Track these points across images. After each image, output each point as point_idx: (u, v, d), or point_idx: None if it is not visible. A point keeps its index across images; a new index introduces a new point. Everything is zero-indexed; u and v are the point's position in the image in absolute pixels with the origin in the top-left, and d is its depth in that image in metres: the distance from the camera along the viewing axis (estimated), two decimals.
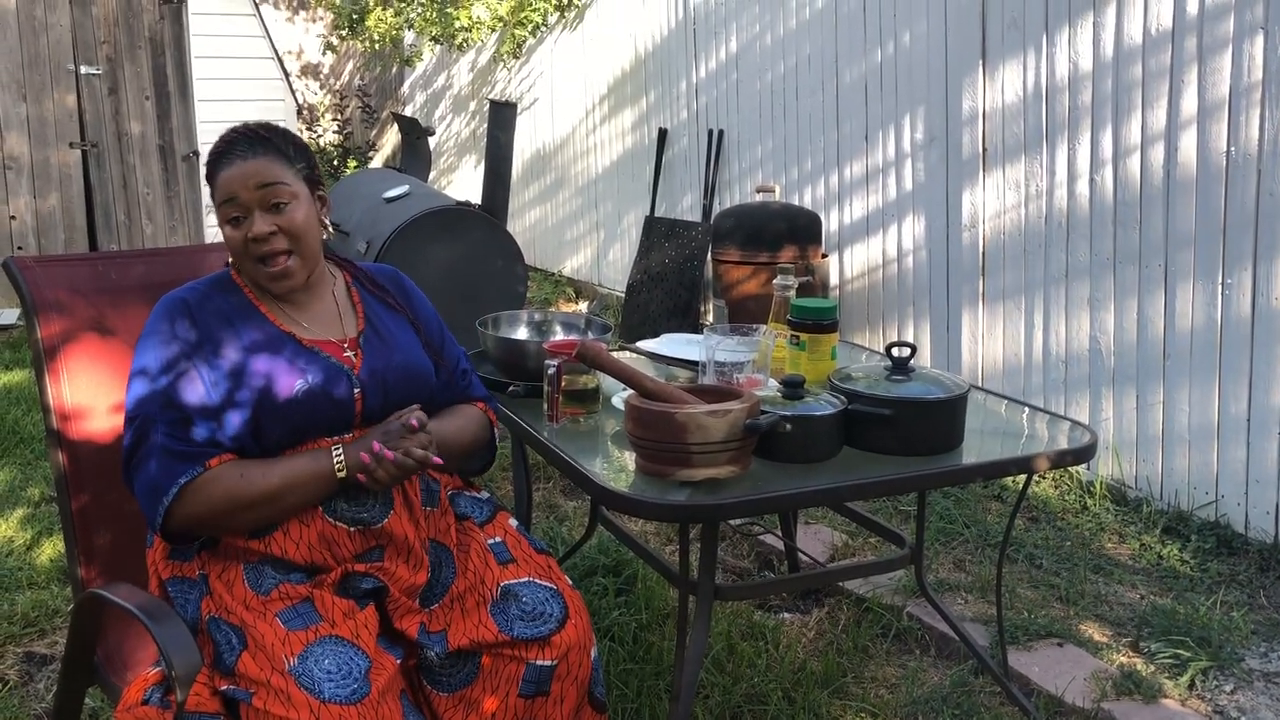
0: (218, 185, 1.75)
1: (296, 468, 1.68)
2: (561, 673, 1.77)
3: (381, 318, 1.90)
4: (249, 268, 1.78)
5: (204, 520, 1.67)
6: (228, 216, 1.75)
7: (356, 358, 1.81)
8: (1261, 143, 3.12)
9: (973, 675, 2.61)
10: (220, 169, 1.75)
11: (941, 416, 2.00)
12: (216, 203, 1.75)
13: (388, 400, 1.81)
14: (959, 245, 4.21)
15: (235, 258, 1.80)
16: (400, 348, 1.87)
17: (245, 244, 1.75)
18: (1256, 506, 3.23)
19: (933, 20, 4.24)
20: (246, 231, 1.74)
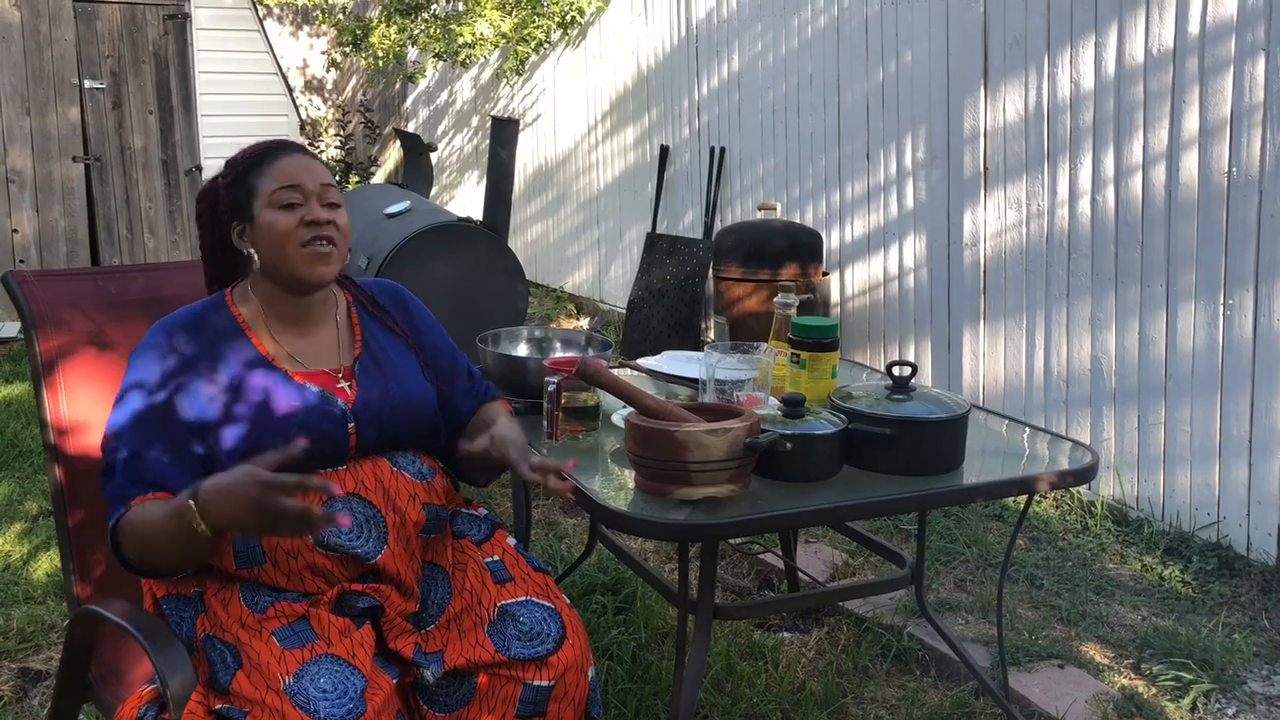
0: (273, 171, 1.74)
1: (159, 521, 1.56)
2: (559, 693, 1.76)
3: (380, 343, 1.88)
4: (290, 255, 1.72)
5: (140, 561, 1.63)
6: (284, 201, 1.72)
7: (351, 389, 1.79)
8: (1263, 163, 3.12)
9: (973, 696, 2.60)
10: (277, 159, 1.75)
11: (942, 436, 1.99)
12: (269, 189, 1.72)
13: (383, 432, 1.78)
14: (960, 264, 4.21)
15: (275, 246, 1.73)
16: (397, 377, 1.84)
17: (297, 227, 1.72)
18: (1258, 528, 3.22)
19: (935, 40, 4.25)
20: (304, 215, 1.72)
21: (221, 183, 1.80)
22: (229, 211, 1.78)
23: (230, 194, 1.78)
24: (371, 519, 1.73)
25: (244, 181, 1.76)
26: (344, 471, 1.74)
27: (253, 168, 1.76)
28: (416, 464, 1.83)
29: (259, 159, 1.77)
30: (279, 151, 1.77)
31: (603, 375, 1.97)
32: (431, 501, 1.81)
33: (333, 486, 1.47)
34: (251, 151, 1.79)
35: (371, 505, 1.74)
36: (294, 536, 1.58)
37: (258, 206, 1.75)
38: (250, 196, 1.75)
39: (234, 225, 1.78)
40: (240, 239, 1.78)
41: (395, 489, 1.76)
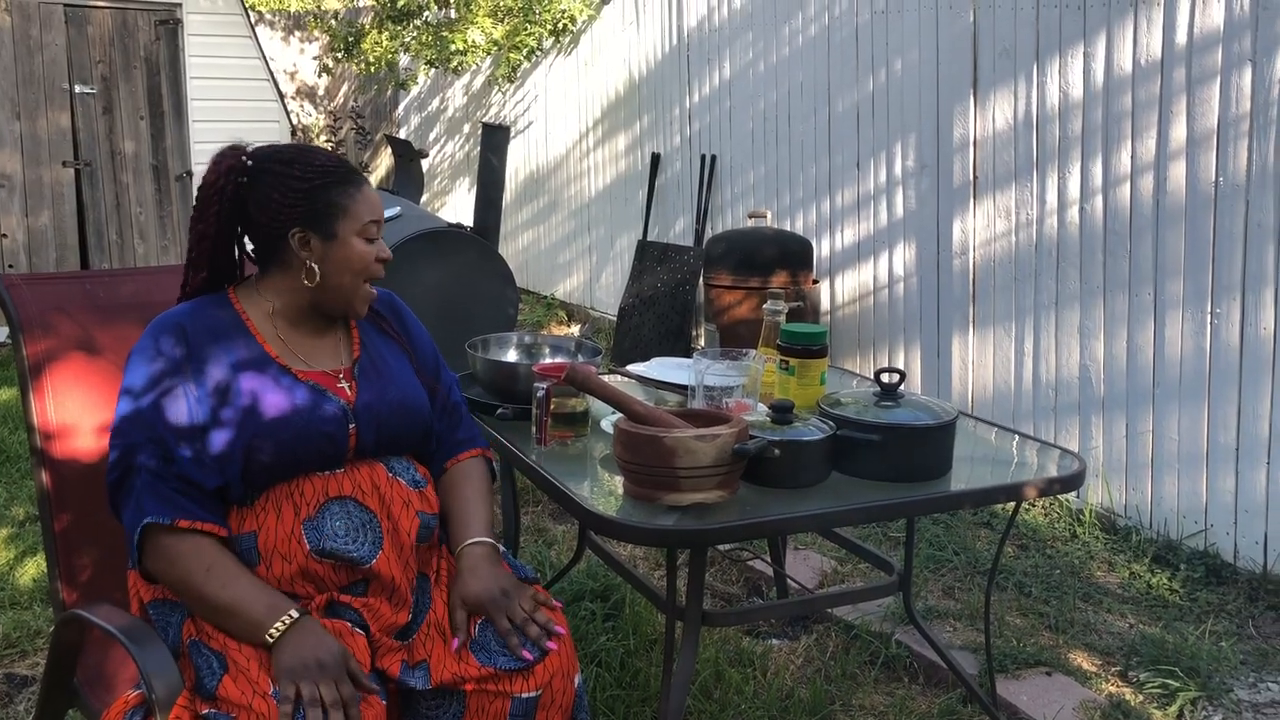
0: (362, 199, 1.77)
1: (248, 602, 1.61)
2: (545, 701, 1.75)
3: (378, 347, 1.89)
4: (357, 286, 1.79)
5: (162, 580, 1.68)
6: (370, 234, 1.78)
7: (351, 390, 1.79)
8: (1250, 173, 3.14)
9: (961, 704, 2.60)
10: (363, 186, 1.78)
11: (930, 443, 2.00)
12: (362, 215, 1.76)
13: (381, 434, 1.79)
14: (949, 272, 4.22)
15: (348, 273, 1.77)
16: (395, 381, 1.85)
17: (373, 263, 1.79)
18: (1245, 536, 3.23)
19: (924, 49, 4.27)
20: (379, 253, 1.79)
21: (292, 181, 1.74)
22: (296, 214, 1.74)
23: (304, 199, 1.74)
24: (367, 524, 1.73)
25: (326, 194, 1.74)
26: (341, 474, 1.74)
27: (340, 183, 1.76)
28: (411, 471, 1.83)
29: (346, 176, 1.77)
30: (363, 179, 1.80)
31: (592, 381, 1.97)
32: (424, 510, 1.81)
33: None
34: (332, 162, 1.78)
35: (368, 510, 1.74)
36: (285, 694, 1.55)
37: (344, 228, 1.75)
38: (335, 213, 1.75)
39: (296, 229, 1.74)
40: (301, 246, 1.75)
41: (391, 495, 1.77)
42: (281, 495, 1.71)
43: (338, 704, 1.54)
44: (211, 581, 1.62)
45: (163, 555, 1.65)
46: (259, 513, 1.70)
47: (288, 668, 1.56)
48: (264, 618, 1.60)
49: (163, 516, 1.63)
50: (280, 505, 1.70)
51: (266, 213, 1.75)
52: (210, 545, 1.65)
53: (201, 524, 1.65)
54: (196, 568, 1.63)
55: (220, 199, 1.76)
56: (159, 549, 1.65)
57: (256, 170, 1.76)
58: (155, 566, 1.66)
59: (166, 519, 1.63)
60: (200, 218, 1.78)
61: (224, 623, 1.63)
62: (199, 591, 1.63)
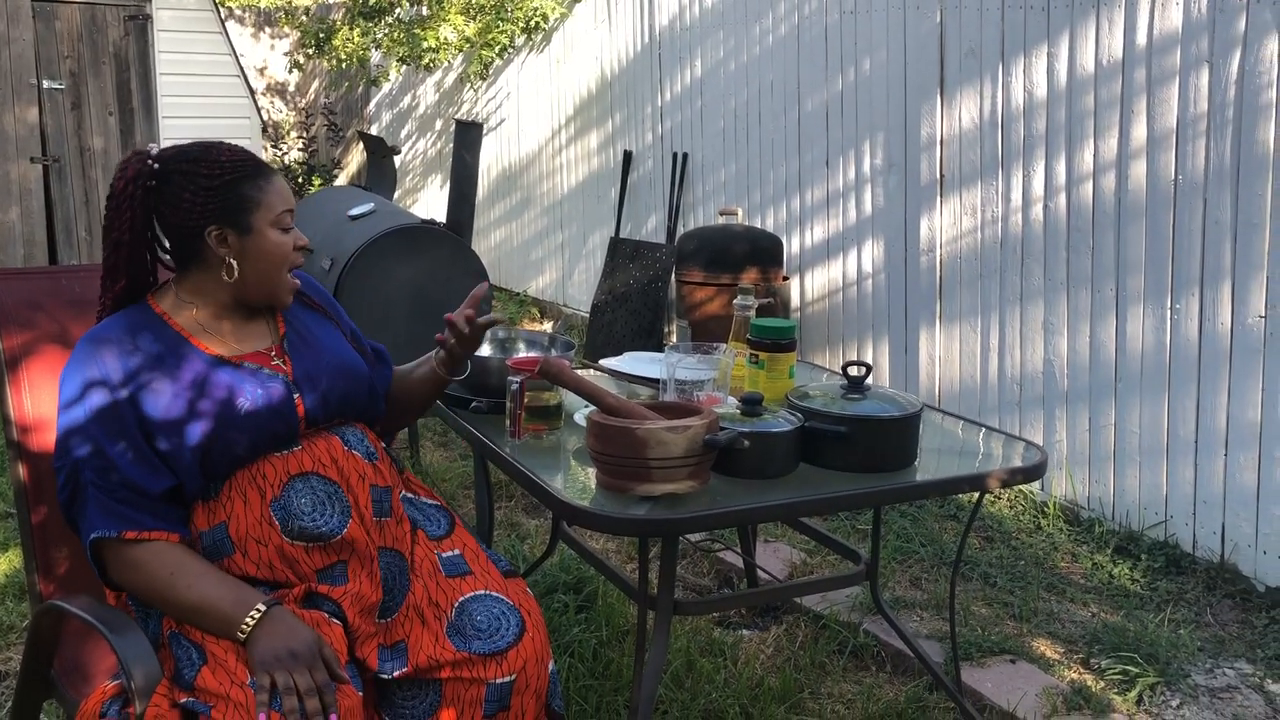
0: (273, 189, 1.78)
1: (216, 599, 1.64)
2: (520, 686, 1.78)
3: (303, 320, 1.91)
4: (278, 277, 1.80)
5: (128, 590, 1.71)
6: (285, 224, 1.79)
7: (285, 364, 1.82)
8: (1207, 171, 3.21)
9: (927, 691, 2.66)
10: (272, 177, 1.79)
11: (895, 434, 2.04)
12: (277, 208, 1.77)
13: (328, 400, 1.81)
14: (917, 268, 4.28)
15: (269, 265, 1.78)
16: (326, 347, 1.88)
17: (292, 252, 1.80)
18: (1204, 527, 3.31)
19: (892, 49, 4.33)
20: (295, 240, 1.80)
21: (199, 180, 1.74)
22: (210, 211, 1.74)
23: (216, 195, 1.74)
24: (333, 495, 1.75)
25: (238, 189, 1.75)
26: (300, 452, 1.76)
27: (249, 177, 1.76)
28: (365, 443, 1.85)
29: (255, 170, 1.77)
30: (272, 170, 1.81)
31: (565, 375, 2.01)
32: (376, 483, 1.82)
33: None
34: (238, 157, 1.78)
35: (331, 482, 1.76)
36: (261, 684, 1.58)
37: (258, 220, 1.76)
38: (248, 206, 1.75)
39: (212, 227, 1.74)
40: (219, 243, 1.75)
41: (347, 468, 1.78)
42: (245, 481, 1.73)
43: (312, 691, 1.57)
44: (177, 584, 1.65)
45: (124, 566, 1.67)
46: (225, 502, 1.72)
47: (261, 659, 1.58)
48: (233, 613, 1.62)
49: (109, 530, 1.65)
50: (245, 491, 1.72)
51: (179, 213, 1.74)
52: (169, 549, 1.67)
53: (150, 533, 1.66)
54: (159, 573, 1.65)
55: (131, 205, 1.75)
56: (117, 561, 1.67)
57: (164, 172, 1.74)
58: (119, 577, 1.69)
59: (113, 532, 1.65)
60: (113, 226, 1.76)
61: (195, 622, 1.65)
62: (165, 596, 1.66)
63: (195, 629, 1.65)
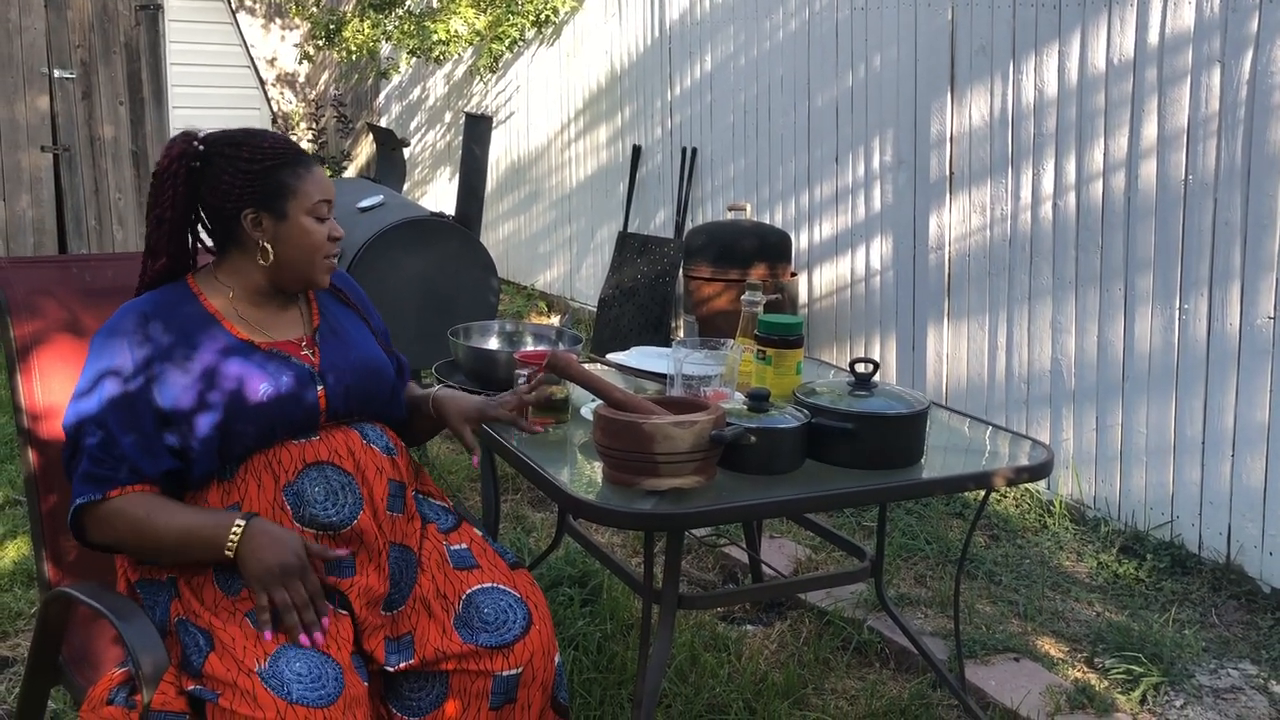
0: (311, 178, 1.80)
1: (198, 525, 1.67)
2: (527, 679, 1.80)
3: (336, 314, 1.94)
4: (314, 264, 1.82)
5: (115, 547, 1.73)
6: (320, 213, 1.81)
7: (314, 355, 1.84)
8: (1218, 171, 3.20)
9: (931, 688, 2.66)
10: (312, 166, 1.82)
11: (902, 431, 2.04)
12: (313, 197, 1.80)
13: (349, 395, 1.84)
14: (925, 266, 4.28)
15: (302, 252, 1.80)
16: (356, 344, 1.90)
17: (327, 241, 1.82)
18: (1210, 527, 3.30)
19: (903, 46, 4.32)
20: (330, 230, 1.83)
21: (240, 163, 1.77)
22: (247, 195, 1.77)
23: (254, 180, 1.77)
24: (346, 485, 1.77)
25: (276, 175, 1.78)
26: (317, 441, 1.78)
27: (288, 165, 1.79)
28: (384, 439, 1.87)
29: (295, 158, 1.80)
30: (312, 160, 1.84)
31: (572, 369, 2.01)
32: (394, 478, 1.84)
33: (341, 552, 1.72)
34: (280, 145, 1.81)
35: (345, 472, 1.78)
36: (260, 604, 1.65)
37: (293, 208, 1.78)
38: (285, 193, 1.78)
39: (248, 210, 1.77)
40: (254, 227, 1.78)
41: (365, 461, 1.80)
42: (260, 465, 1.74)
43: (306, 604, 1.65)
44: (156, 522, 1.67)
45: (102, 522, 1.69)
46: (240, 484, 1.74)
47: (256, 578, 1.64)
48: (215, 534, 1.66)
49: (94, 494, 1.68)
50: (260, 475, 1.74)
51: (218, 195, 1.78)
52: (142, 496, 1.69)
53: (128, 487, 1.69)
54: (137, 516, 1.67)
55: (174, 184, 1.79)
56: (96, 520, 1.70)
57: (208, 154, 1.79)
58: (100, 535, 1.71)
59: (97, 495, 1.68)
60: (156, 204, 1.81)
61: (183, 555, 1.68)
62: (147, 537, 1.67)
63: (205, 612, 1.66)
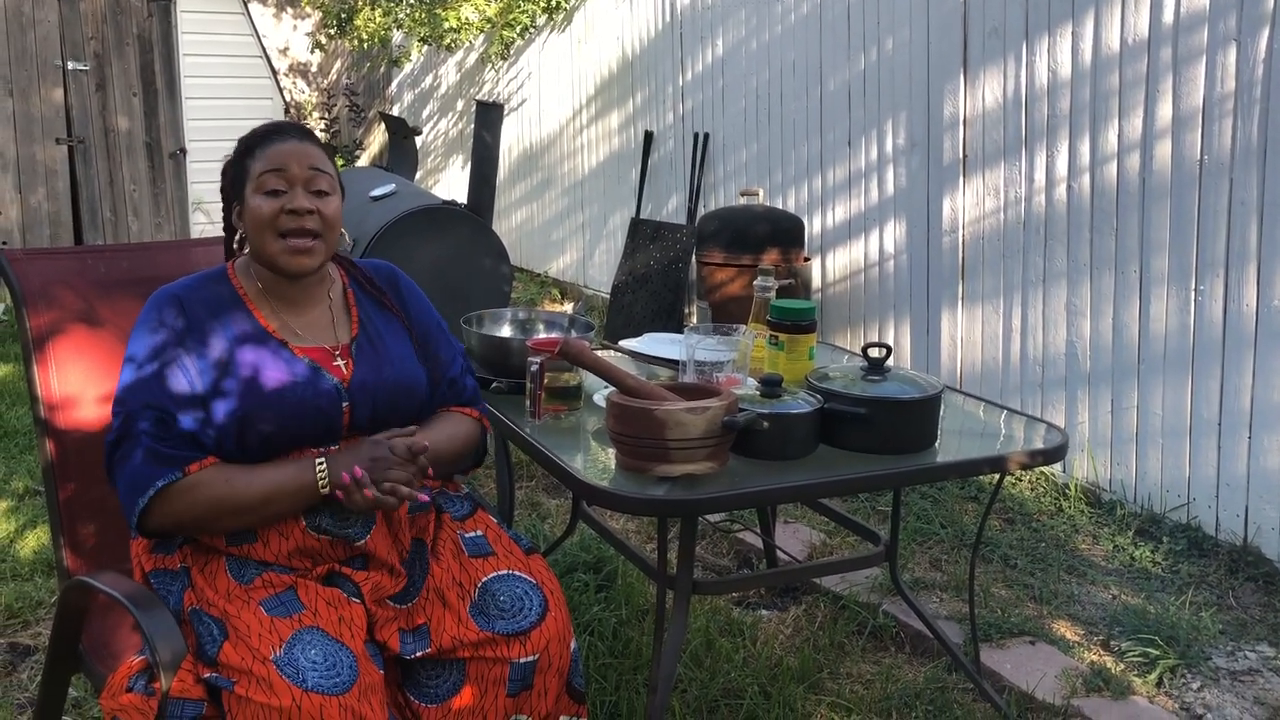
0: (264, 155, 1.76)
1: (282, 477, 1.68)
2: (543, 665, 1.80)
3: (376, 324, 1.90)
4: (268, 243, 1.75)
5: (183, 523, 1.69)
6: (267, 187, 1.75)
7: (347, 367, 1.81)
8: (1234, 151, 3.18)
9: (946, 672, 2.66)
10: (270, 143, 1.77)
11: (916, 416, 2.04)
12: (257, 171, 1.75)
13: (376, 414, 1.81)
14: (939, 249, 4.26)
15: (256, 232, 1.76)
16: (392, 359, 1.86)
17: (278, 215, 1.74)
18: (1226, 510, 3.29)
19: (915, 27, 4.30)
20: (285, 203, 1.75)
21: (227, 163, 1.85)
22: (226, 191, 1.84)
23: (230, 172, 1.83)
24: None
25: (241, 162, 1.80)
26: (335, 450, 1.77)
27: (250, 149, 1.79)
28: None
29: (257, 140, 1.80)
30: (275, 135, 1.79)
31: (585, 355, 2.01)
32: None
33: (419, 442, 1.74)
34: (256, 131, 1.82)
35: None
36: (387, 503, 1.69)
37: (248, 189, 1.78)
38: (244, 177, 1.79)
39: (234, 204, 1.83)
40: (237, 219, 1.83)
41: None
42: None
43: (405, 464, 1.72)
44: (237, 486, 1.67)
45: (178, 501, 1.66)
46: None
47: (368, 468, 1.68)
48: (302, 479, 1.68)
49: (173, 473, 1.65)
50: None
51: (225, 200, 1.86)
52: (215, 468, 1.68)
53: (204, 462, 1.68)
54: (218, 486, 1.66)
55: (223, 182, 1.87)
56: (171, 499, 1.66)
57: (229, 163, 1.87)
58: (174, 515, 1.67)
59: (177, 473, 1.65)
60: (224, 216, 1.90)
61: (273, 512, 1.69)
62: (232, 504, 1.66)
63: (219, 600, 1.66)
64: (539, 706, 1.81)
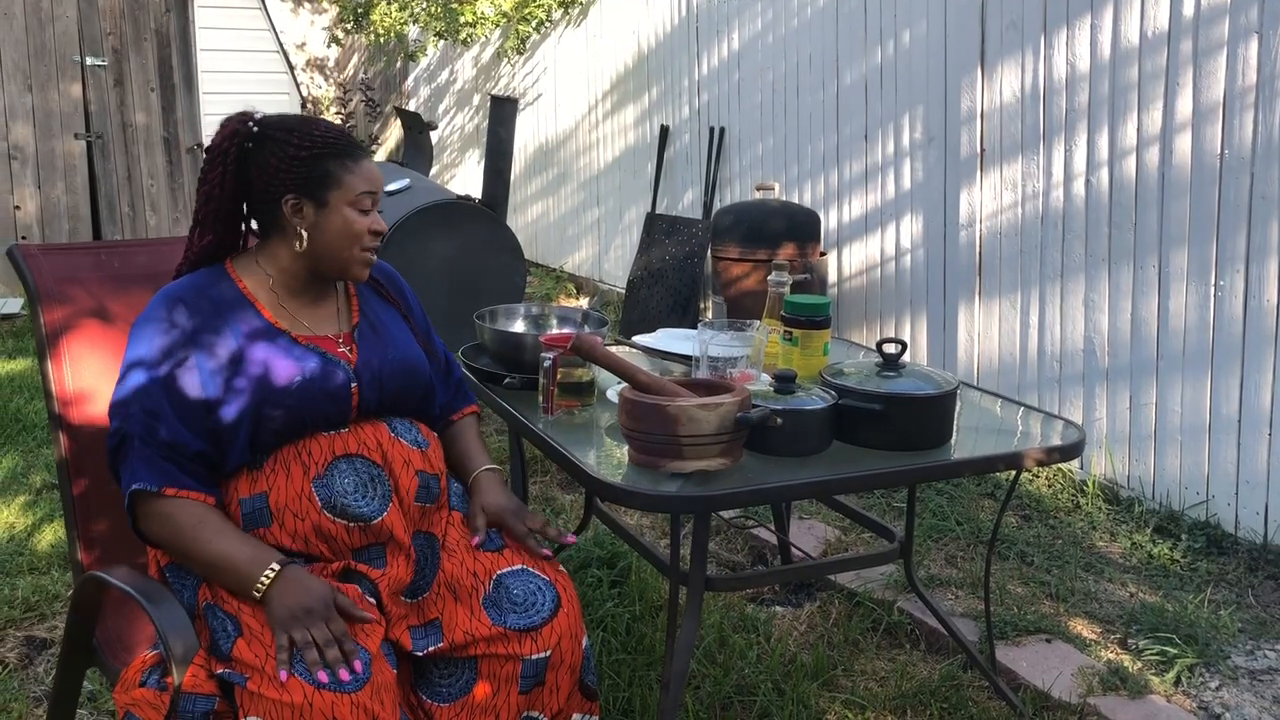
0: (360, 171, 1.80)
1: (234, 555, 1.66)
2: (555, 661, 1.80)
3: (376, 311, 1.93)
4: (351, 254, 1.81)
5: (150, 541, 1.74)
6: (363, 205, 1.80)
7: (351, 352, 1.84)
8: (1255, 145, 3.14)
9: (961, 669, 2.64)
10: (361, 159, 1.81)
11: (931, 412, 2.02)
12: (358, 188, 1.79)
13: (383, 393, 1.84)
14: (956, 244, 4.23)
15: (341, 242, 1.80)
16: (394, 342, 1.90)
17: (366, 233, 1.81)
18: (1246, 507, 3.26)
19: (932, 21, 4.27)
20: (372, 224, 1.81)
21: (289, 149, 1.77)
22: (290, 180, 1.77)
23: (303, 167, 1.77)
24: (376, 478, 1.78)
25: (322, 163, 1.77)
26: (346, 434, 1.79)
27: (336, 155, 1.78)
28: (414, 432, 1.87)
29: (345, 150, 1.80)
30: (361, 151, 1.83)
31: (597, 351, 2.01)
32: (425, 470, 1.85)
33: (355, 666, 1.61)
34: (333, 134, 1.81)
35: (375, 465, 1.79)
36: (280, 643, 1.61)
37: (335, 197, 1.78)
38: (329, 182, 1.78)
39: (289, 196, 1.77)
40: (293, 213, 1.78)
41: (392, 454, 1.81)
42: (290, 456, 1.75)
43: (330, 641, 1.61)
44: (200, 536, 1.67)
45: (154, 518, 1.70)
46: (269, 473, 1.74)
47: (278, 619, 1.62)
48: (249, 570, 1.65)
49: (150, 483, 1.68)
50: (289, 465, 1.75)
51: (264, 177, 1.78)
52: (197, 505, 1.70)
53: (187, 492, 1.69)
54: (185, 525, 1.68)
55: (224, 162, 1.79)
56: (150, 513, 1.70)
57: (261, 136, 1.79)
58: (148, 528, 1.72)
59: (154, 486, 1.68)
60: (205, 179, 1.82)
61: (213, 577, 1.69)
62: (187, 548, 1.68)
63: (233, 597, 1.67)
64: (551, 703, 1.81)
